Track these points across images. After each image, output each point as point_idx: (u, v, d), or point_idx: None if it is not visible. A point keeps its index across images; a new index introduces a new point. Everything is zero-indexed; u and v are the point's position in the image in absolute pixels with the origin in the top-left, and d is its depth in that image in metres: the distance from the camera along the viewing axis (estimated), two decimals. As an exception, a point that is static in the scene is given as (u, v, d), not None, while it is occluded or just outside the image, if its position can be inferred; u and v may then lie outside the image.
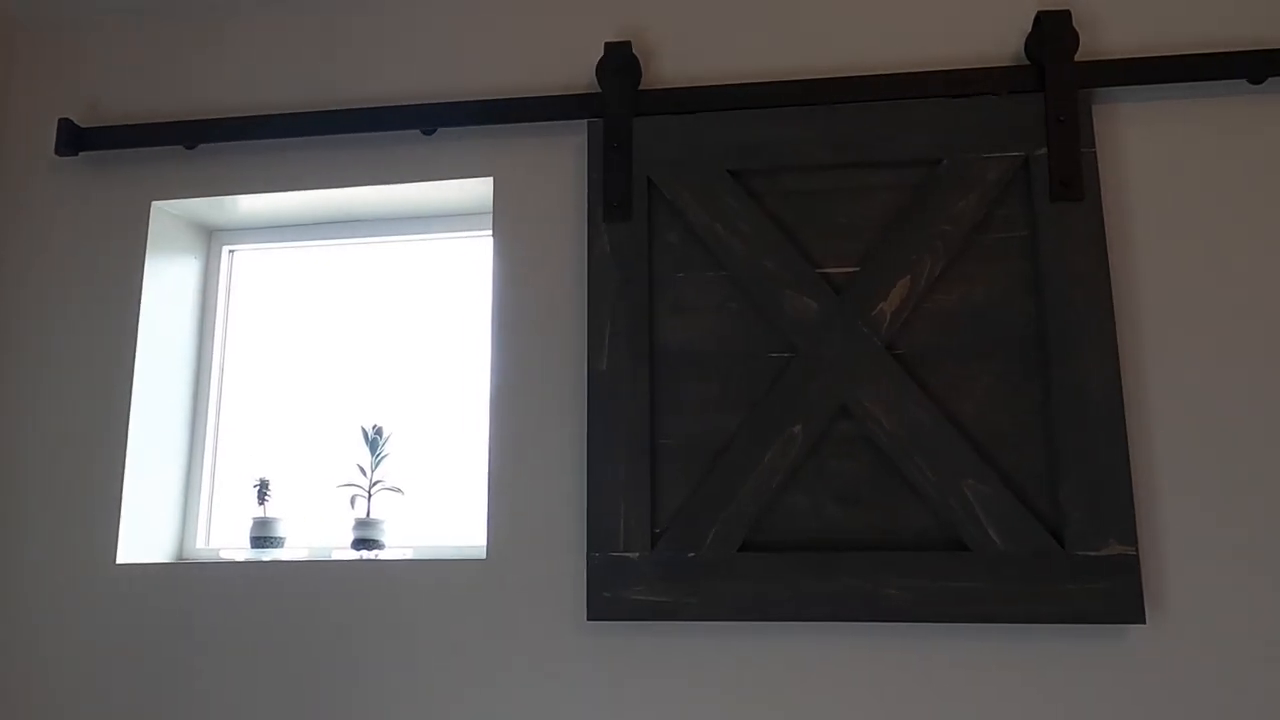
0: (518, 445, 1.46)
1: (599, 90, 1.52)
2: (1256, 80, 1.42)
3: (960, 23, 1.52)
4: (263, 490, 1.62)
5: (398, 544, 1.60)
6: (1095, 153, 1.40)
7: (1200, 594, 1.30)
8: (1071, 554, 1.28)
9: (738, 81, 1.53)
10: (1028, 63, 1.47)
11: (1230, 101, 1.44)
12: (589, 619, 1.35)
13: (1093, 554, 1.28)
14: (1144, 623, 1.25)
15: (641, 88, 1.54)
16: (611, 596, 1.35)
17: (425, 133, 1.58)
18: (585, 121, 1.53)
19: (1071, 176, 1.38)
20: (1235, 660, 1.27)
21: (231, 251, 1.80)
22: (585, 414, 1.43)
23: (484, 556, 1.44)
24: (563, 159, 1.55)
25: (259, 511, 1.61)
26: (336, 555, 1.59)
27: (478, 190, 1.62)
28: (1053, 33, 1.43)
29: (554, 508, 1.43)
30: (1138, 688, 1.28)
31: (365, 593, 1.44)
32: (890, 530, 1.35)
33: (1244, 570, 1.30)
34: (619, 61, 1.51)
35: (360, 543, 1.55)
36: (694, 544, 1.35)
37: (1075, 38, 1.43)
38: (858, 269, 1.42)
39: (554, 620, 1.40)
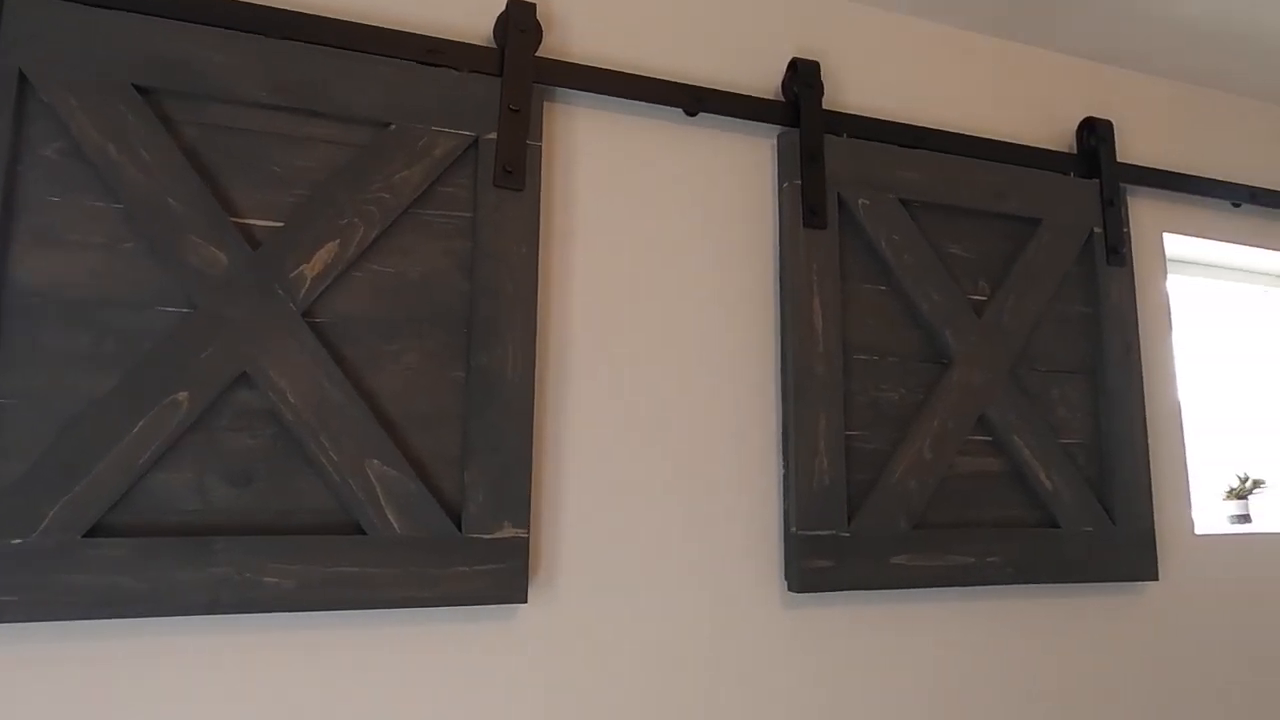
0: None
1: (-35, -52, 1.18)
2: (691, 112, 1.58)
3: (436, -12, 1.47)
4: None
5: None
6: (542, 146, 1.43)
7: (582, 574, 1.39)
8: (467, 537, 1.29)
9: (166, -16, 1.30)
10: (494, 46, 1.46)
11: (669, 126, 1.58)
12: None
13: (487, 537, 1.30)
14: (526, 602, 1.31)
15: (33, -39, 1.24)
16: (-112, 598, 1.04)
17: None
18: (-64, -17, 1.18)
19: (516, 165, 1.40)
20: (603, 632, 1.39)
21: None
22: (-119, 360, 1.10)
23: None
24: (-102, 23, 1.18)
25: None
26: None
27: None
28: (517, 21, 1.44)
29: None
30: (521, 662, 1.33)
31: None
32: (285, 512, 1.24)
33: (620, 554, 1.42)
34: (-2, -82, 1.19)
35: None
36: (24, 529, 1.10)
37: (539, 31, 1.45)
38: (282, 225, 1.29)
39: None
